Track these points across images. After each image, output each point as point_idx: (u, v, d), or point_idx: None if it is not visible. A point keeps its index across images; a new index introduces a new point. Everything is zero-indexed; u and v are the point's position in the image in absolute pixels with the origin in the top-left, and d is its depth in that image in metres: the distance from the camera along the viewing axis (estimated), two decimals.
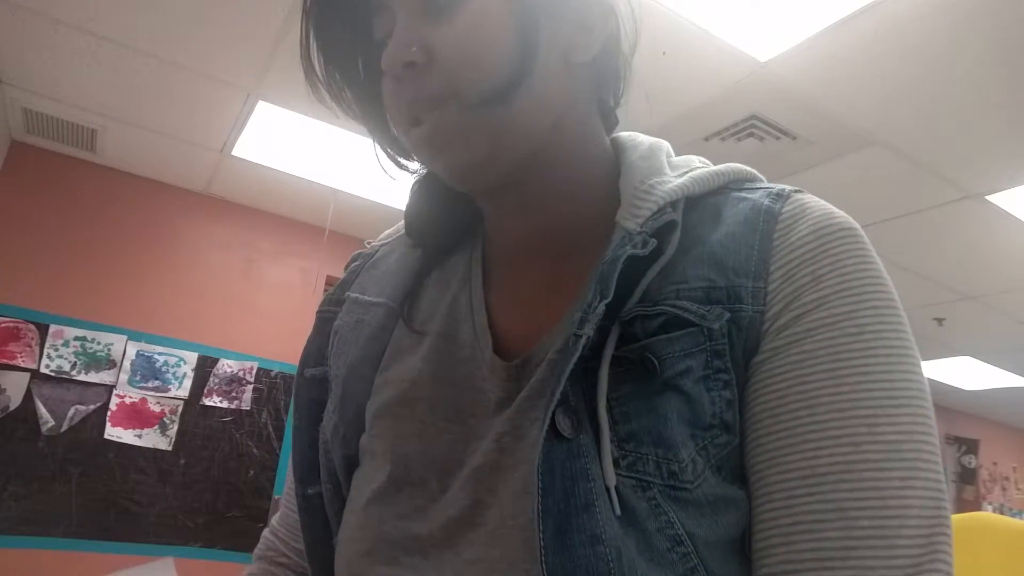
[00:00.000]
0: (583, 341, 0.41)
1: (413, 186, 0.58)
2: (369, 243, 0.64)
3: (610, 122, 0.56)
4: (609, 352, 0.42)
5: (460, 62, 0.45)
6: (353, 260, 0.63)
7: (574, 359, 0.41)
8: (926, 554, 0.37)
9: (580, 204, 0.49)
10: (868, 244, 0.46)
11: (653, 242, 0.44)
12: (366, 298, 0.57)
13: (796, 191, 0.49)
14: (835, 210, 0.47)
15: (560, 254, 0.50)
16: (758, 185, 0.51)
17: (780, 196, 0.48)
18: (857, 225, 0.47)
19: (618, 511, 0.39)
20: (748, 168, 0.53)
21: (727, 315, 0.43)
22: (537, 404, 0.44)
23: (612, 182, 0.51)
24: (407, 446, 0.49)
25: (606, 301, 0.42)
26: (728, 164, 0.53)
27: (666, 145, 0.55)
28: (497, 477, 0.44)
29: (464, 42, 0.45)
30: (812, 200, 0.48)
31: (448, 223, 0.57)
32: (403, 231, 0.60)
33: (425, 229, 0.57)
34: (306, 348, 0.60)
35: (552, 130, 0.49)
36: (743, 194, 0.49)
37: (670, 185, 0.48)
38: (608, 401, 0.41)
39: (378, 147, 0.56)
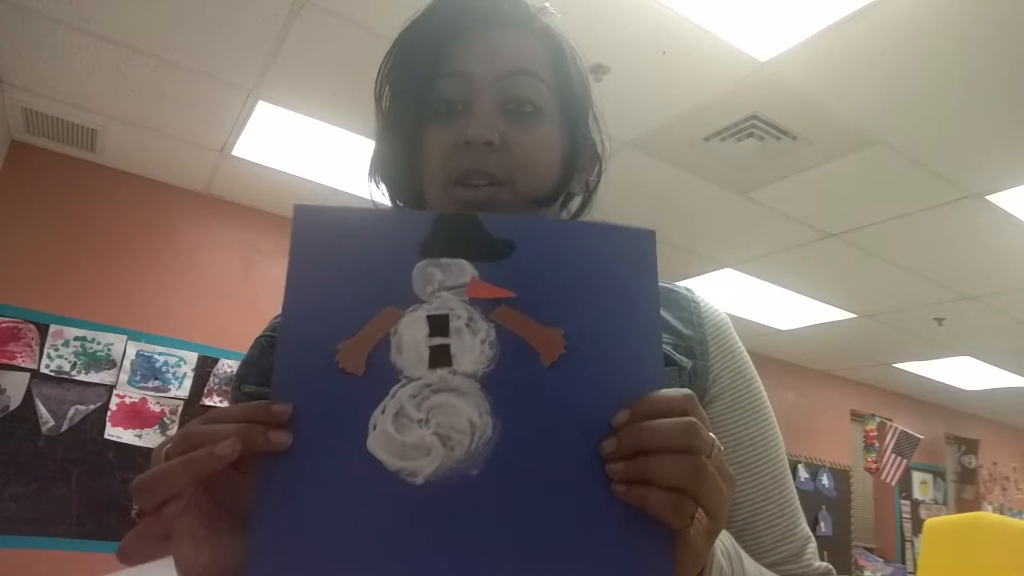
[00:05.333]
0: None
1: None
2: None
3: None
4: None
5: (526, 157, 0.61)
6: None
7: None
8: (809, 533, 0.67)
9: None
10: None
11: None
12: None
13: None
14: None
15: None
16: None
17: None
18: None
19: None
20: None
21: (691, 363, 0.66)
22: None
23: None
24: None
25: None
26: None
27: None
28: None
29: (534, 147, 0.62)
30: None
31: None
32: None
33: None
34: (247, 367, 0.71)
35: None
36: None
37: None
38: None
39: (380, 183, 0.70)
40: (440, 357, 0.44)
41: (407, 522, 0.42)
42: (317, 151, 3.10)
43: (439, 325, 0.45)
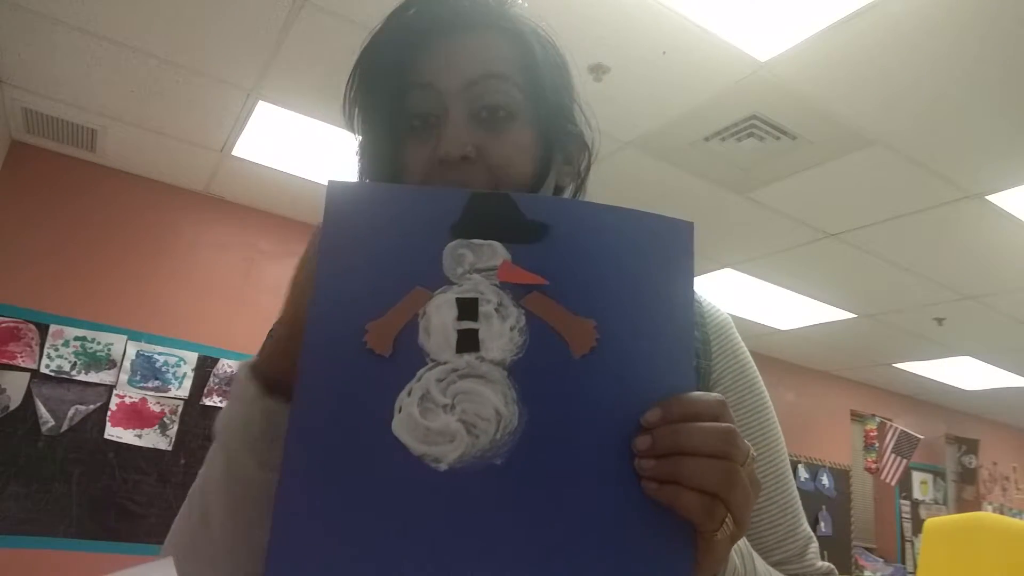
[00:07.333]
0: None
1: None
2: None
3: None
4: None
5: (502, 164, 0.60)
6: None
7: None
8: (810, 533, 0.69)
9: None
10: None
11: None
12: None
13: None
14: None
15: None
16: None
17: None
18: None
19: None
20: None
21: (696, 360, 0.66)
22: None
23: None
24: None
25: None
26: None
27: None
28: None
29: (508, 152, 0.61)
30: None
31: None
32: None
33: None
34: None
35: None
36: None
37: None
38: None
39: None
40: (468, 342, 0.43)
41: (430, 509, 0.41)
42: (317, 151, 3.10)
43: (468, 309, 0.44)
